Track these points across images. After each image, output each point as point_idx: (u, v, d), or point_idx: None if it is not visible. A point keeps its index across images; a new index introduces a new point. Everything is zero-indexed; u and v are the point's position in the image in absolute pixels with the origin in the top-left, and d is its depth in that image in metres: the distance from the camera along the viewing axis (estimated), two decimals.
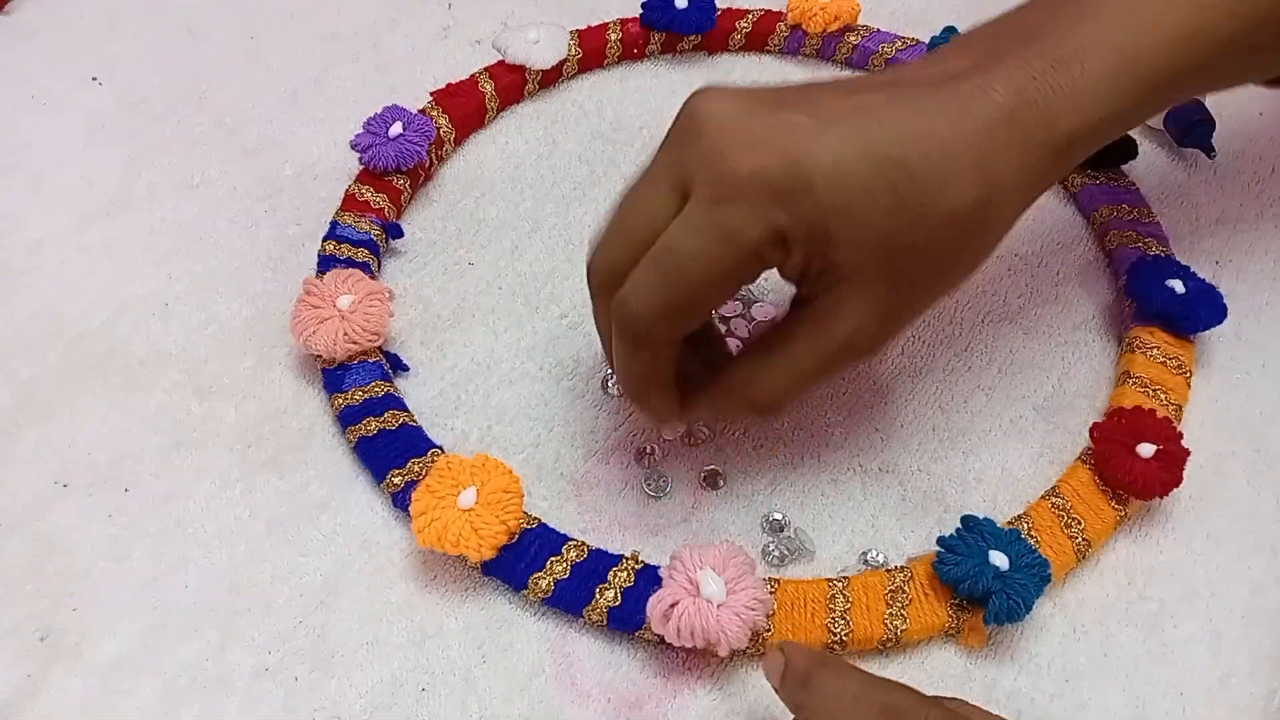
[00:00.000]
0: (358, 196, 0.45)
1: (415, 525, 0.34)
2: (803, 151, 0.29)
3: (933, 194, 0.30)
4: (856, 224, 0.29)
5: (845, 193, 0.29)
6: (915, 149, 0.29)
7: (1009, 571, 0.33)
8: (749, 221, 0.29)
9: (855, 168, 0.29)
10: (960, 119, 0.30)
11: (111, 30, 0.55)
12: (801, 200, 0.29)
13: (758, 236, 0.29)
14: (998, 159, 0.30)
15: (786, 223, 0.29)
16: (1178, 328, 0.40)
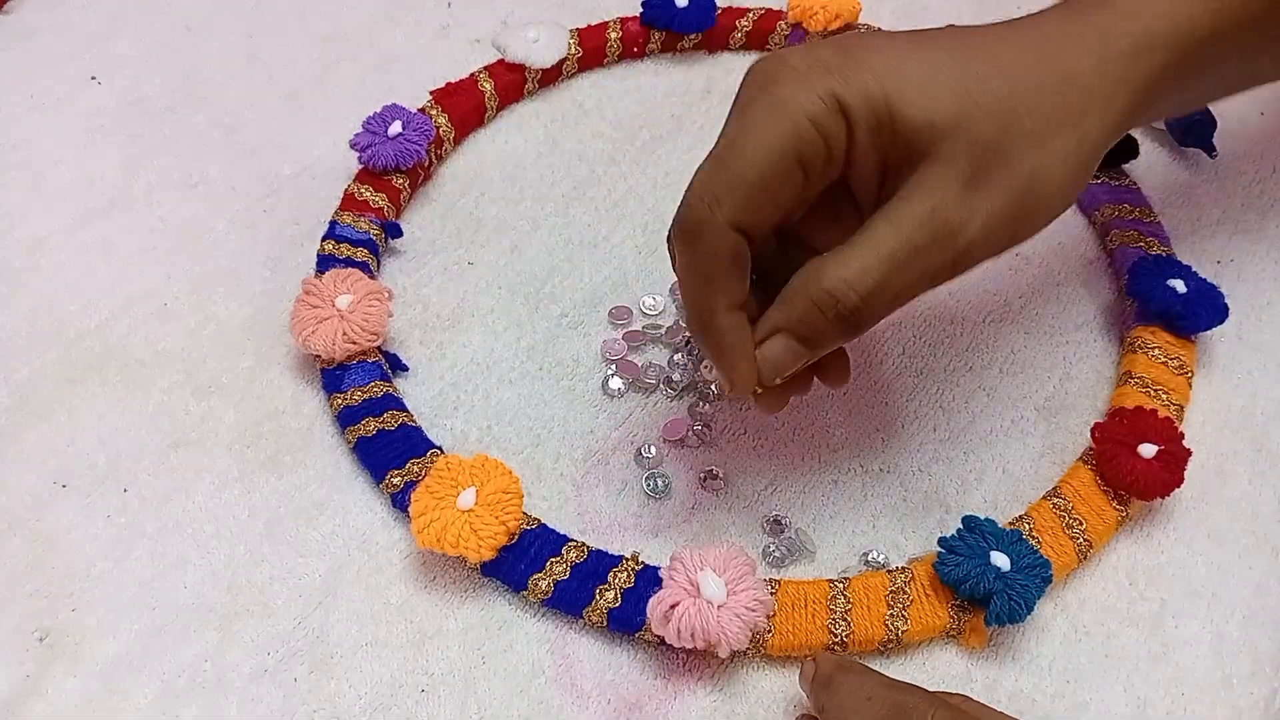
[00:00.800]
0: (357, 196, 0.45)
1: (414, 526, 0.34)
2: (852, 41, 0.30)
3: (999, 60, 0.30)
4: (917, 84, 0.29)
5: (902, 59, 0.29)
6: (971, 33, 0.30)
7: (1010, 572, 0.33)
8: (799, 90, 0.28)
9: (910, 45, 0.29)
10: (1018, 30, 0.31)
11: (111, 30, 0.55)
12: (853, 68, 0.29)
13: (810, 104, 0.28)
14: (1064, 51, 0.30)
15: (840, 88, 0.28)
16: (1179, 328, 0.40)
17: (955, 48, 0.30)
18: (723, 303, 0.30)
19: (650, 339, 0.42)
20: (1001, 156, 0.30)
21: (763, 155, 0.29)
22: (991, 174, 0.29)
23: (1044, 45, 0.31)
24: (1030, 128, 0.30)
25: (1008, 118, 0.29)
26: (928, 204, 0.29)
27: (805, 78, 0.29)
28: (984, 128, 0.29)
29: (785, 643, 0.33)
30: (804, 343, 0.31)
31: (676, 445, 0.39)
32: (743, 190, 0.29)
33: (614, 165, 0.49)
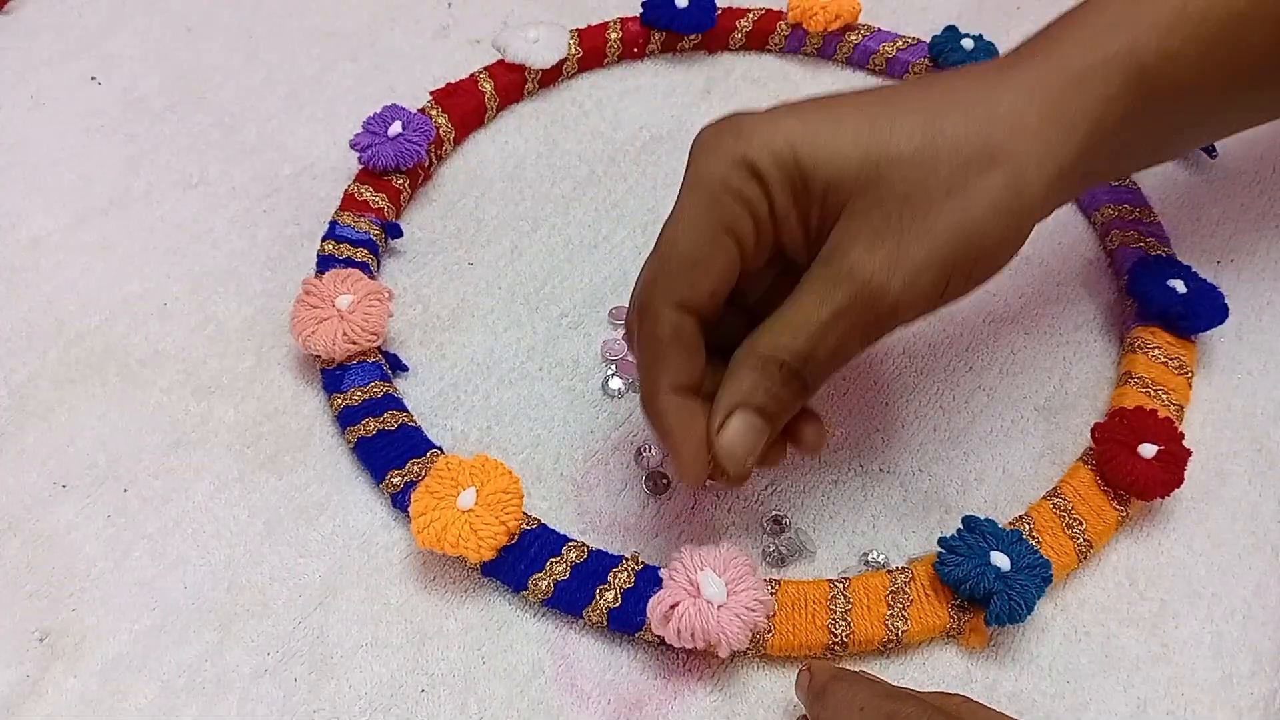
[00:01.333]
0: (357, 196, 0.45)
1: (414, 526, 0.34)
2: (768, 110, 0.30)
3: (906, 108, 0.29)
4: (824, 139, 0.29)
5: (804, 118, 0.29)
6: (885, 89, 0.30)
7: (1010, 572, 0.33)
8: (710, 162, 0.29)
9: (812, 104, 0.30)
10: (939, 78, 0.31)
11: (111, 29, 0.55)
12: (758, 132, 0.29)
13: (721, 172, 0.29)
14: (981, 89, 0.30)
15: (747, 151, 0.29)
16: (1179, 328, 0.40)
17: (869, 103, 0.30)
18: (665, 383, 0.30)
19: None
20: (917, 208, 0.29)
21: (689, 231, 0.29)
22: (908, 227, 0.29)
23: (971, 89, 0.30)
24: (947, 174, 0.29)
25: (922, 167, 0.29)
26: (844, 264, 0.29)
27: (716, 148, 0.29)
28: (894, 180, 0.29)
29: (785, 643, 0.33)
30: (760, 414, 0.30)
31: None
32: (677, 268, 0.30)
33: (614, 165, 0.49)
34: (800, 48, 0.53)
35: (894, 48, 0.52)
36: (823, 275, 0.29)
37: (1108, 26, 0.32)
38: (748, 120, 0.30)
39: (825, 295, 0.29)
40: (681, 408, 0.31)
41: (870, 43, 0.52)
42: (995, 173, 0.29)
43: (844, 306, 0.29)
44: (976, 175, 0.29)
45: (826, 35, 0.53)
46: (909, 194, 0.29)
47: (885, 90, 0.31)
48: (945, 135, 0.29)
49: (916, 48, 0.52)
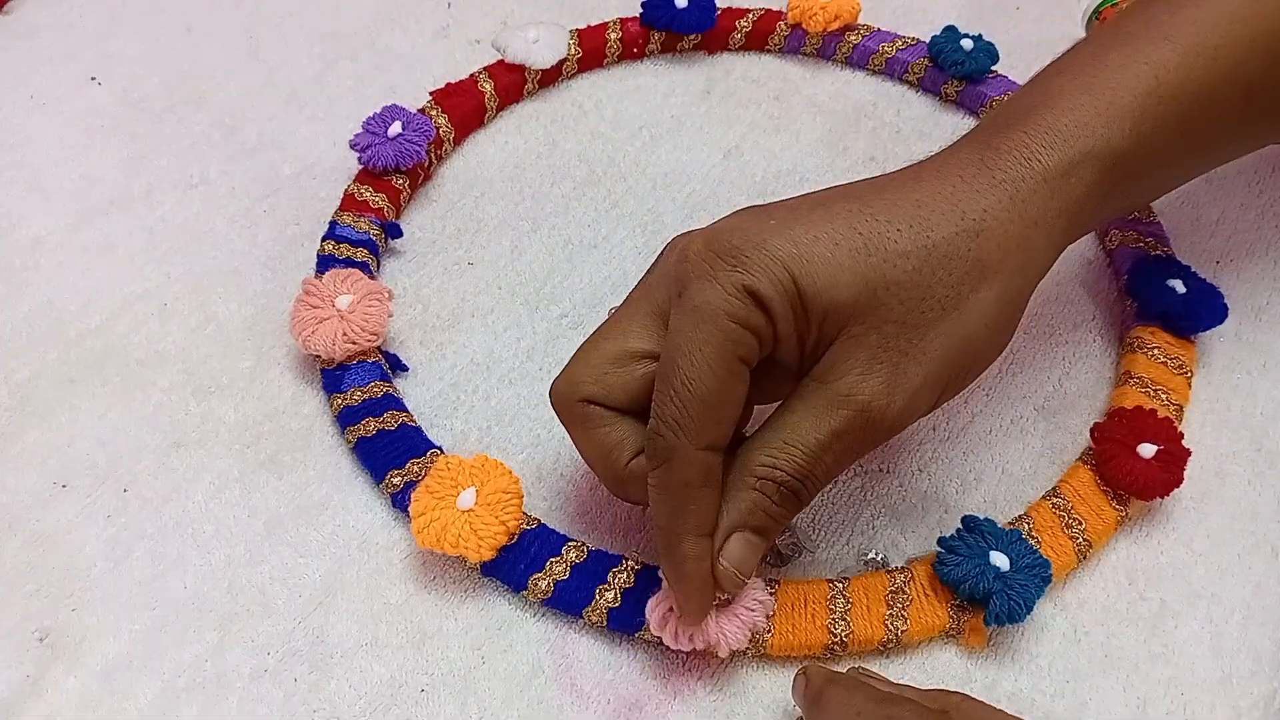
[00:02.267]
0: (357, 196, 0.45)
1: (414, 526, 0.34)
2: (750, 221, 0.29)
3: (904, 230, 0.29)
4: (821, 266, 0.29)
5: (799, 242, 0.29)
6: (879, 205, 0.29)
7: (1010, 572, 0.33)
8: (712, 292, 0.28)
9: (808, 222, 0.29)
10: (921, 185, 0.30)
11: (111, 30, 0.55)
12: (754, 256, 0.29)
13: (725, 303, 0.28)
14: (976, 197, 0.30)
15: (747, 279, 0.28)
16: (1178, 328, 0.40)
17: (858, 215, 0.29)
18: (692, 528, 0.30)
19: None
20: (916, 330, 0.29)
21: (707, 371, 0.28)
22: (908, 351, 0.29)
23: (957, 194, 0.30)
24: (942, 296, 0.29)
25: (918, 289, 0.29)
26: (841, 387, 0.29)
27: (714, 275, 0.29)
28: (893, 305, 0.29)
29: (785, 643, 0.33)
30: (758, 533, 0.30)
31: None
32: (700, 410, 0.29)
33: (614, 165, 0.49)
34: (800, 48, 0.53)
35: (893, 48, 0.52)
36: (820, 396, 0.29)
37: (1081, 123, 0.32)
38: (740, 242, 0.29)
39: (823, 418, 0.29)
40: (702, 555, 0.30)
41: (870, 43, 0.52)
42: (986, 289, 0.30)
43: (842, 429, 0.29)
44: (970, 292, 0.30)
45: (826, 35, 0.53)
46: (905, 319, 0.29)
47: (871, 196, 0.30)
48: (938, 254, 0.29)
49: (916, 48, 0.52)
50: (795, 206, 0.30)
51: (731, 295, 0.28)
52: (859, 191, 0.31)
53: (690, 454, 0.29)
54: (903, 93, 0.52)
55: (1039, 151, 0.31)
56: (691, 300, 0.29)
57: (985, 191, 0.30)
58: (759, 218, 0.30)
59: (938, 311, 0.29)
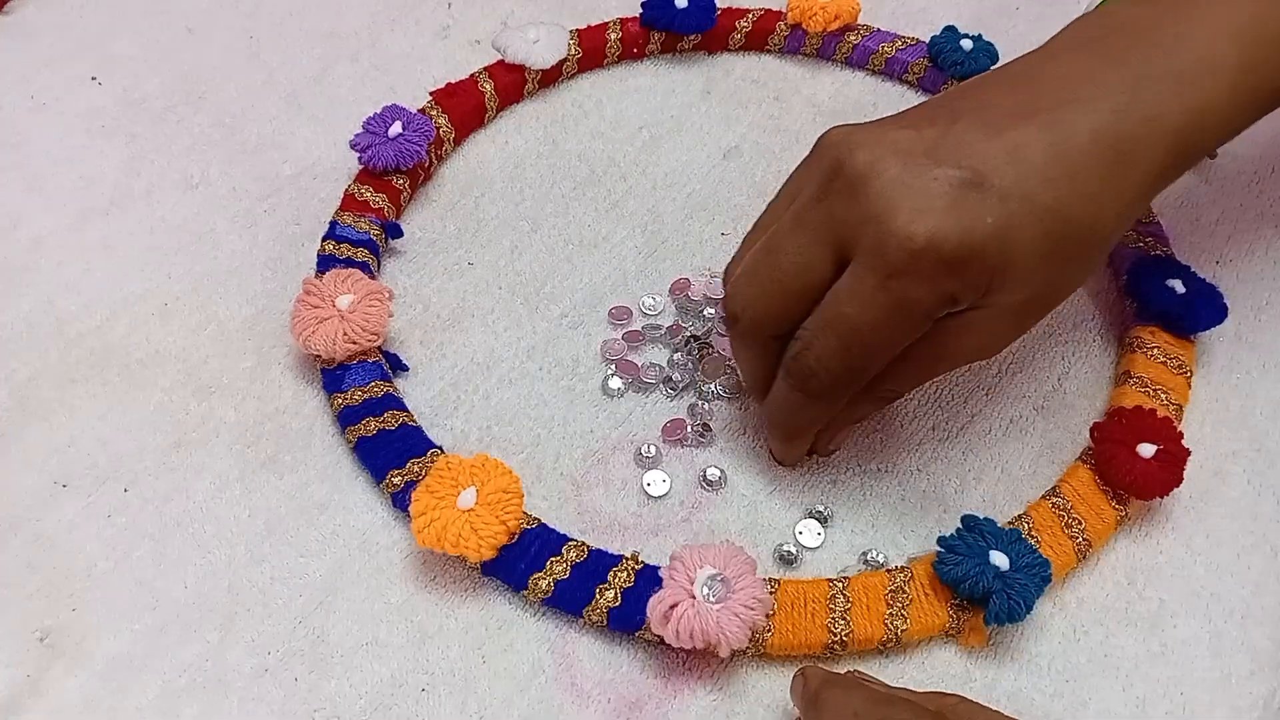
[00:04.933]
0: (357, 196, 0.45)
1: (415, 525, 0.34)
2: (970, 217, 0.29)
3: (1081, 229, 0.31)
4: (1019, 273, 0.30)
5: (1010, 251, 0.30)
6: (1069, 191, 0.30)
7: (1009, 571, 0.33)
8: (924, 294, 0.30)
9: (1019, 224, 0.30)
10: (1098, 147, 0.31)
11: (111, 30, 0.55)
12: (973, 267, 0.30)
13: (933, 305, 0.30)
14: (1132, 185, 0.31)
15: (959, 289, 0.30)
16: (1178, 327, 0.40)
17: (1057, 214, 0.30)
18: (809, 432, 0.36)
19: (650, 339, 0.42)
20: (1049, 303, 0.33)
21: (887, 345, 0.31)
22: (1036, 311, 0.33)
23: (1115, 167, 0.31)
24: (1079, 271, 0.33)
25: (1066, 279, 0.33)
26: (975, 342, 0.33)
27: (931, 280, 0.30)
28: (1046, 291, 0.32)
29: (785, 642, 0.33)
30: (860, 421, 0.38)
31: (676, 445, 0.39)
32: (866, 371, 0.32)
33: (614, 165, 0.49)
34: (800, 48, 0.53)
35: (893, 48, 0.52)
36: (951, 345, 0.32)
37: None
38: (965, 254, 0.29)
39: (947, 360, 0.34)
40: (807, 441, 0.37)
41: (870, 43, 0.53)
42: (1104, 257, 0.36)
43: (950, 367, 0.35)
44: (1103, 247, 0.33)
45: (826, 35, 0.53)
46: (1050, 300, 0.33)
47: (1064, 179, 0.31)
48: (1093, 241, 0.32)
49: (915, 48, 0.52)
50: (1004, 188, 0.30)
51: (940, 299, 0.30)
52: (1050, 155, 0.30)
53: (840, 401, 0.33)
54: (902, 93, 0.52)
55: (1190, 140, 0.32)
56: (903, 293, 0.30)
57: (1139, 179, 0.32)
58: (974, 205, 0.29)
59: (1068, 284, 0.33)
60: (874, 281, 0.30)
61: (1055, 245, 0.30)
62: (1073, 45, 0.34)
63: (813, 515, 0.37)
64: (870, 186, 0.30)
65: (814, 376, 0.32)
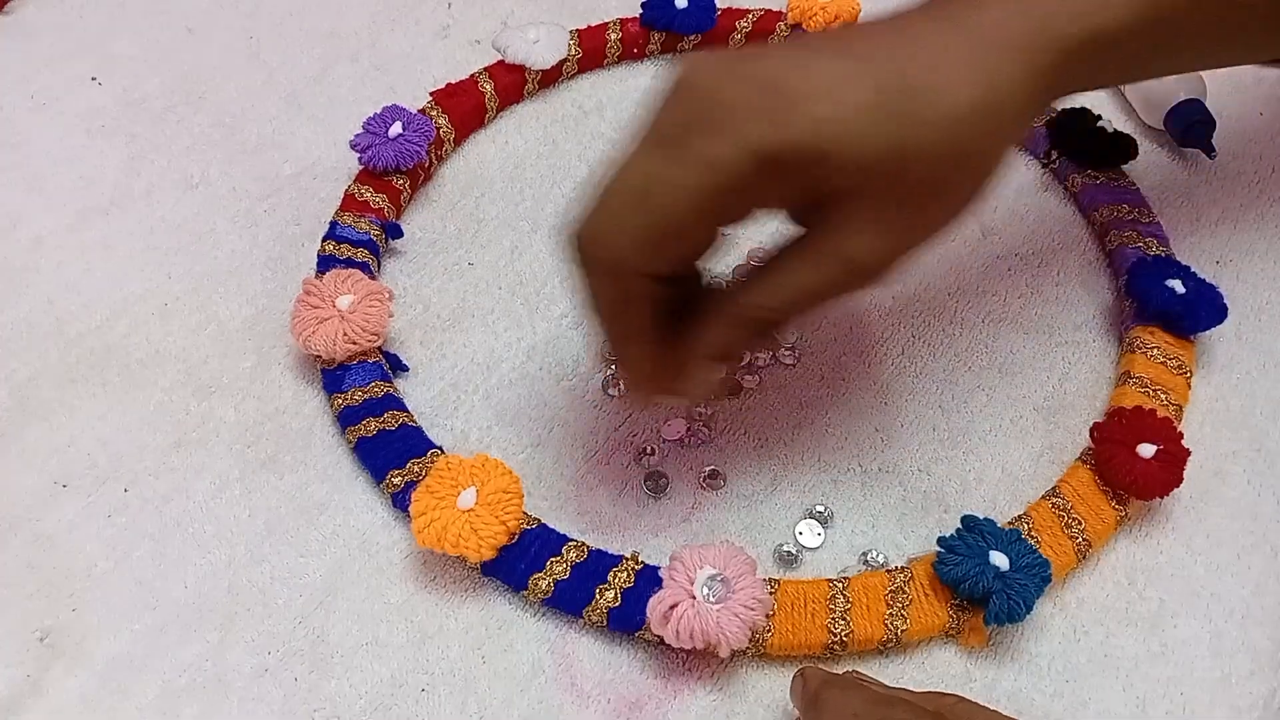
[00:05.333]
0: (357, 196, 0.45)
1: (415, 526, 0.34)
2: (789, 74, 0.28)
3: (928, 96, 0.28)
4: (853, 139, 0.28)
5: (838, 107, 0.27)
6: (910, 60, 0.28)
7: (1009, 572, 0.33)
8: (734, 146, 0.27)
9: (847, 83, 0.28)
10: (954, 32, 0.29)
11: (111, 30, 0.55)
12: (788, 116, 0.27)
13: (743, 161, 0.27)
14: (997, 66, 0.29)
15: (775, 143, 0.27)
16: (1178, 328, 0.40)
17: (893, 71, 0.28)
18: (636, 329, 0.31)
19: None
20: (928, 200, 0.30)
21: (693, 209, 0.28)
22: (914, 219, 0.30)
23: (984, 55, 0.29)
24: (959, 170, 0.30)
25: (941, 162, 0.29)
26: (846, 249, 0.30)
27: (738, 128, 0.27)
28: (914, 174, 0.29)
29: (785, 642, 0.33)
30: (727, 359, 0.33)
31: (676, 445, 0.39)
32: (666, 239, 0.29)
33: None
34: None
35: None
36: (822, 253, 0.30)
37: None
38: (769, 94, 0.27)
39: (823, 272, 0.30)
40: (649, 349, 0.32)
41: None
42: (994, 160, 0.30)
43: (836, 282, 0.30)
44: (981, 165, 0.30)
45: None
46: (920, 189, 0.29)
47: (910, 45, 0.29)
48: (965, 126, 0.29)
49: None
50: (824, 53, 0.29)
51: (752, 154, 0.27)
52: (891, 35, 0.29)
53: (640, 280, 0.30)
54: None
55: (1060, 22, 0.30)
56: (706, 145, 0.27)
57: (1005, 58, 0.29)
58: (795, 67, 0.28)
59: (941, 186, 0.30)
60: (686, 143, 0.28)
61: (896, 109, 0.28)
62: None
63: (813, 515, 0.37)
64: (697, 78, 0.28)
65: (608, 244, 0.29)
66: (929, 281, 0.44)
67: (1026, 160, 0.49)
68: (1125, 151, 0.46)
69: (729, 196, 0.28)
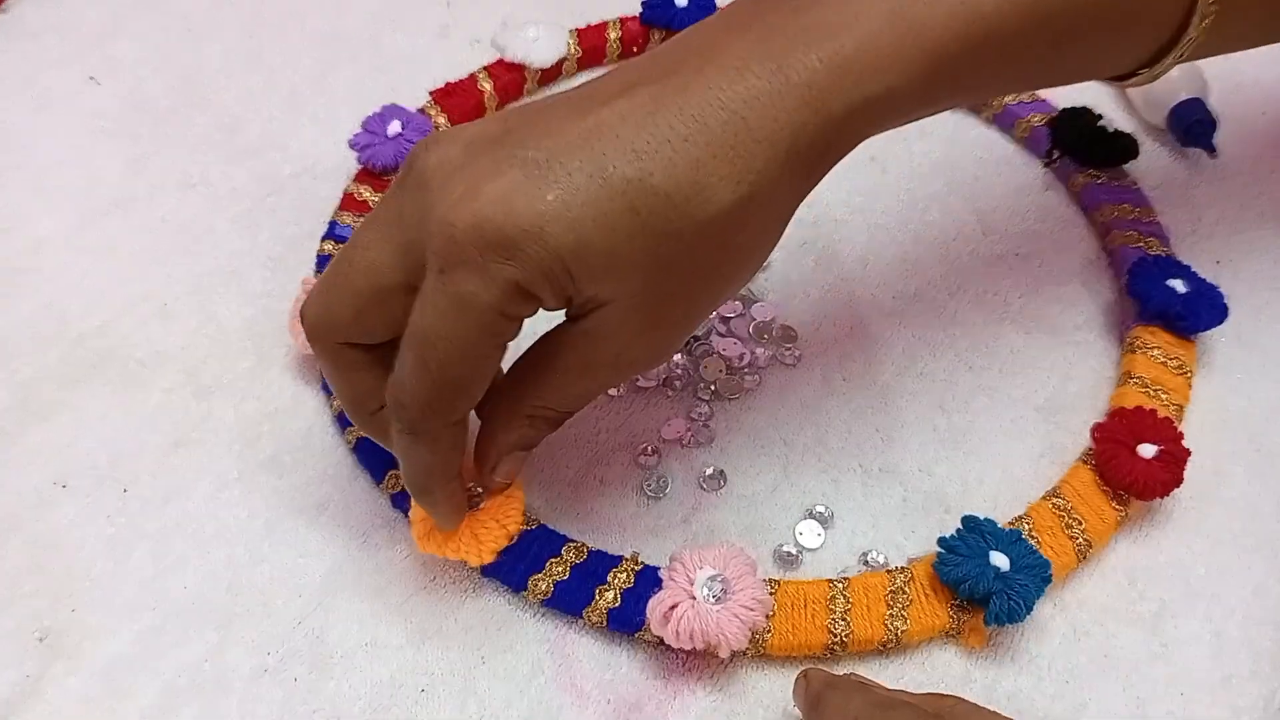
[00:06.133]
0: (357, 196, 0.45)
1: (415, 532, 0.34)
2: (523, 195, 0.26)
3: (681, 206, 0.27)
4: (599, 257, 0.27)
5: (578, 229, 0.26)
6: (656, 160, 0.26)
7: (1010, 572, 0.33)
8: (480, 286, 0.26)
9: (586, 199, 0.26)
10: (708, 112, 0.27)
11: (112, 30, 0.55)
12: (528, 249, 0.26)
13: (493, 299, 0.26)
14: (756, 153, 0.27)
15: (519, 276, 0.26)
16: (1179, 327, 0.40)
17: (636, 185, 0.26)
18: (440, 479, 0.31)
19: None
20: (685, 297, 0.29)
21: (466, 360, 0.28)
22: (674, 315, 0.30)
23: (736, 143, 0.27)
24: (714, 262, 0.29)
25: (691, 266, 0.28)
26: (614, 348, 0.30)
27: (483, 269, 0.26)
28: (665, 281, 0.28)
29: (785, 643, 0.33)
30: (527, 448, 0.34)
31: (676, 445, 0.39)
32: (455, 389, 0.29)
33: None
34: None
35: None
36: (591, 353, 0.30)
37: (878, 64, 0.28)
38: (514, 233, 0.26)
39: (594, 373, 0.31)
40: (452, 491, 0.33)
41: None
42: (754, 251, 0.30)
43: (615, 379, 0.33)
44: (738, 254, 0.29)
45: None
46: (676, 290, 0.29)
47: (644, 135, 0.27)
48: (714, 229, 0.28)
49: None
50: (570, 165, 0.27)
51: (501, 290, 0.26)
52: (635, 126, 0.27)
53: (443, 433, 0.30)
54: None
55: (826, 95, 0.28)
56: (457, 287, 0.27)
57: (765, 144, 0.27)
58: (530, 182, 0.26)
59: (705, 281, 0.29)
60: (433, 281, 0.27)
61: (646, 222, 0.26)
62: (708, 21, 0.30)
63: (813, 515, 0.37)
64: (433, 178, 0.27)
65: (403, 407, 0.29)
66: (929, 281, 0.44)
67: (1027, 159, 0.48)
68: (1126, 151, 0.46)
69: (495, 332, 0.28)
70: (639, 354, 0.31)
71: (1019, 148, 0.49)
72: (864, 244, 0.45)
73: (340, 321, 0.30)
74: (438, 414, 0.29)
